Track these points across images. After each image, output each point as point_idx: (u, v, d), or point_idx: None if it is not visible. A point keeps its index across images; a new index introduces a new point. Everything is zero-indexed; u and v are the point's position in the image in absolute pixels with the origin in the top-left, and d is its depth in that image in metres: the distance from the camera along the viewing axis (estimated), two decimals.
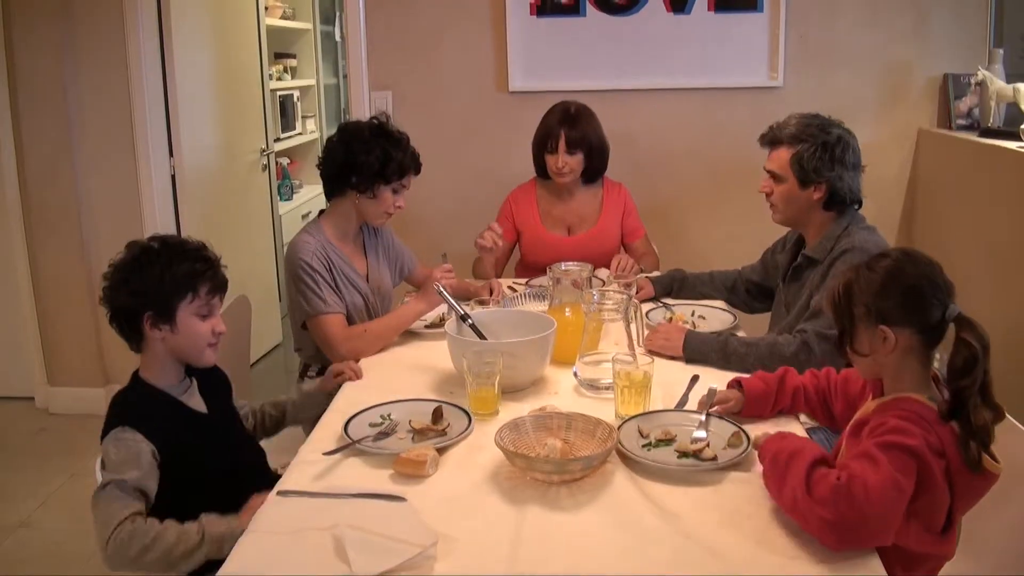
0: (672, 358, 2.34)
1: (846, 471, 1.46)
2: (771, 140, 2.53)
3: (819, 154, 2.41)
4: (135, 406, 1.90)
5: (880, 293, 1.60)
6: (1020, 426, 1.82)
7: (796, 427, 1.91)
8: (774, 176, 2.51)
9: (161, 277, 1.88)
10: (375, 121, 2.76)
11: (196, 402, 2.00)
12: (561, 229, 3.30)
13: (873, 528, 1.44)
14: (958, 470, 1.54)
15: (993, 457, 1.57)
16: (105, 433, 1.86)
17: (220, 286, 1.96)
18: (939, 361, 1.66)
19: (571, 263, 2.52)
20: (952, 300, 1.61)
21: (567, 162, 3.18)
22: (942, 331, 1.61)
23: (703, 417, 1.89)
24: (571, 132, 3.17)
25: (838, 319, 1.67)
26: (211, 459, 1.93)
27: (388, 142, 2.70)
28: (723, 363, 2.29)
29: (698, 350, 2.33)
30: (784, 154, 2.46)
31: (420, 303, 2.62)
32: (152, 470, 1.81)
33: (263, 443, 2.22)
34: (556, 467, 1.66)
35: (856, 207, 2.49)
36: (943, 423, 1.56)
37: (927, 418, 1.55)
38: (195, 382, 2.02)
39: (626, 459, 1.76)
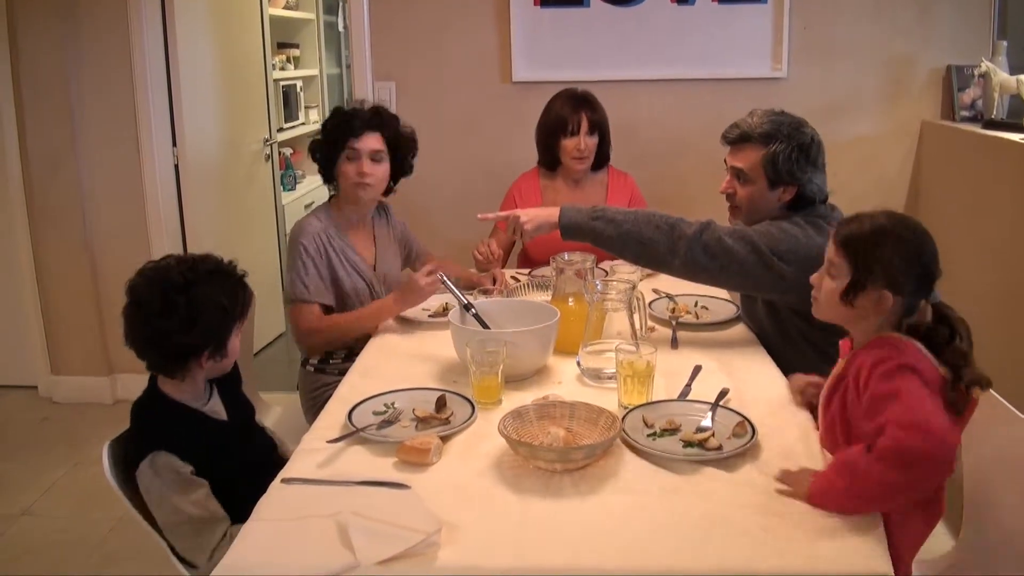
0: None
1: (882, 426, 1.48)
2: (739, 138, 2.38)
3: (795, 156, 2.30)
4: (164, 426, 1.88)
5: (903, 264, 1.64)
6: (1021, 416, 1.82)
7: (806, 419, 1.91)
8: (740, 175, 2.37)
9: (224, 318, 1.89)
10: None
11: (218, 409, 2.00)
12: None
13: (941, 439, 1.43)
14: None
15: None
16: (131, 449, 1.85)
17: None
18: None
19: (574, 253, 2.52)
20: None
21: (588, 144, 3.19)
22: (916, 309, 1.68)
23: (708, 407, 1.89)
24: (592, 114, 3.20)
25: (853, 269, 1.68)
26: (235, 464, 1.93)
27: (340, 112, 2.74)
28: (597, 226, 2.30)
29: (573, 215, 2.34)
30: (753, 154, 2.33)
31: (396, 304, 2.59)
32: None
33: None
34: (559, 455, 1.67)
35: (821, 205, 2.38)
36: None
37: (901, 344, 1.62)
38: (214, 387, 2.02)
39: (631, 448, 1.76)
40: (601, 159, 3.30)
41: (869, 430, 1.52)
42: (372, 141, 2.70)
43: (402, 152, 2.80)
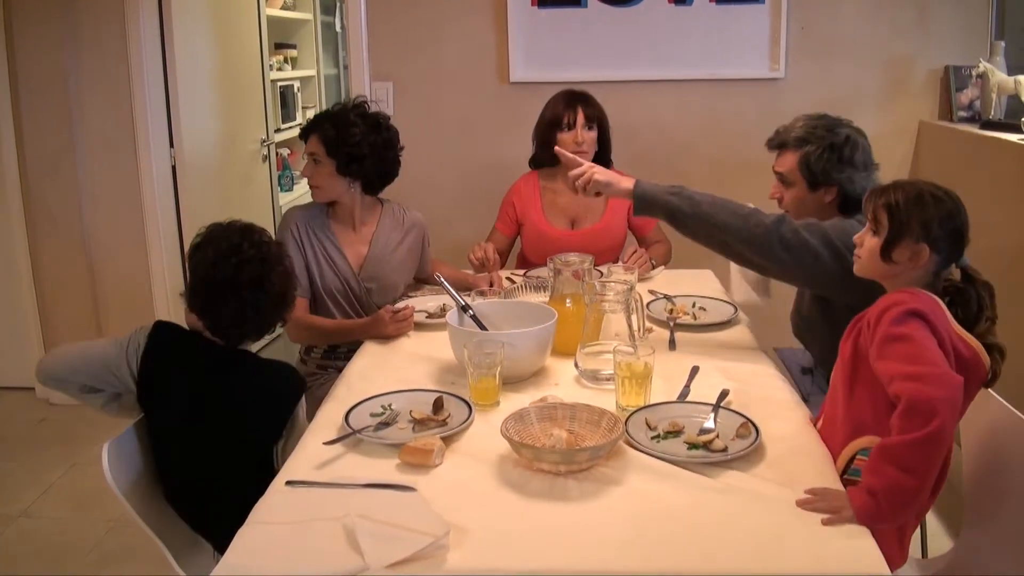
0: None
1: (890, 376, 1.58)
2: (778, 144, 2.46)
3: (827, 156, 2.33)
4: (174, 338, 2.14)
5: (939, 221, 1.74)
6: (1021, 416, 1.82)
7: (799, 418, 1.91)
8: (783, 180, 2.44)
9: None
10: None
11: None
12: (564, 222, 3.28)
13: (943, 379, 1.53)
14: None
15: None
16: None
17: None
18: None
19: (572, 254, 2.52)
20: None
21: (585, 137, 3.17)
22: (948, 270, 1.79)
23: (710, 408, 1.90)
24: (587, 108, 3.19)
25: (892, 224, 1.75)
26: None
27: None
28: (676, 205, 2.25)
29: (649, 189, 2.30)
30: (791, 157, 2.39)
31: (362, 332, 2.57)
32: None
33: None
34: (563, 457, 1.66)
35: None
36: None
37: (921, 294, 1.71)
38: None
39: (635, 451, 1.76)
40: (603, 161, 3.25)
41: (877, 370, 1.62)
42: (311, 143, 2.73)
43: (346, 154, 2.68)
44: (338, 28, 6.80)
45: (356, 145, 2.67)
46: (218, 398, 2.05)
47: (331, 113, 2.74)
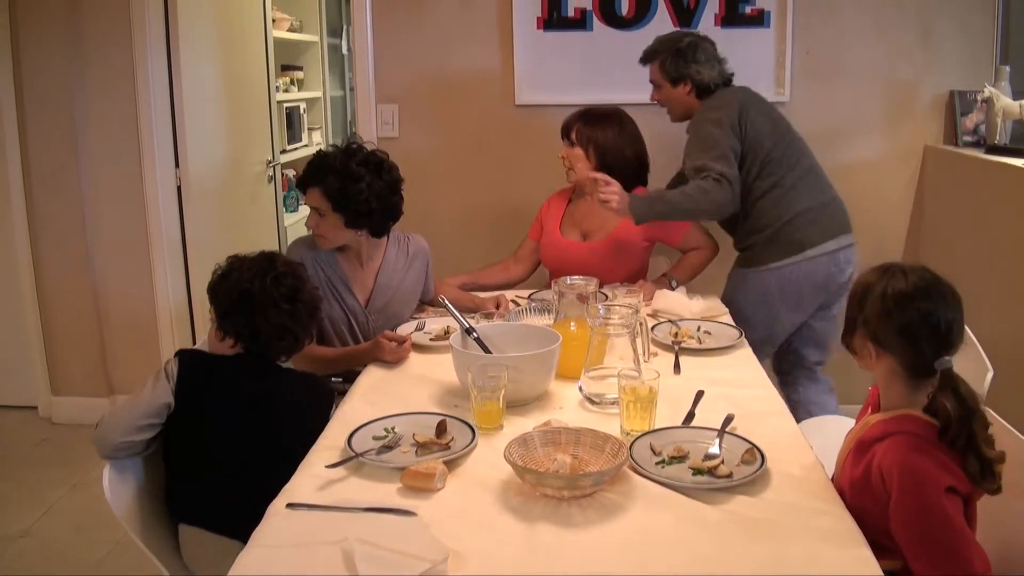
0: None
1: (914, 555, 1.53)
2: (644, 59, 3.24)
3: (675, 59, 3.13)
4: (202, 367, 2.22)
5: (881, 315, 1.65)
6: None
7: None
8: (655, 84, 3.23)
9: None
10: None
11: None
12: (576, 234, 3.26)
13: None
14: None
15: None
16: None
17: None
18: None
19: (576, 277, 2.51)
20: (949, 352, 1.64)
21: (570, 154, 3.16)
22: (928, 374, 1.64)
23: (715, 433, 1.88)
24: (586, 128, 3.16)
25: (848, 311, 1.75)
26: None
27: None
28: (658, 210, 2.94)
29: (640, 207, 2.92)
30: (655, 67, 3.19)
31: (363, 357, 2.58)
32: None
33: None
34: (567, 483, 1.65)
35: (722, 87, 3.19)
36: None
37: (929, 439, 1.60)
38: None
39: (639, 476, 1.75)
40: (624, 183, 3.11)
41: (900, 539, 1.57)
42: (313, 197, 2.64)
43: (354, 210, 2.63)
44: (344, 50, 6.84)
45: (364, 201, 2.61)
46: (256, 411, 2.12)
47: (331, 165, 2.62)
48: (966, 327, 2.32)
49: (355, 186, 2.60)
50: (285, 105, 5.68)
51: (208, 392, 2.12)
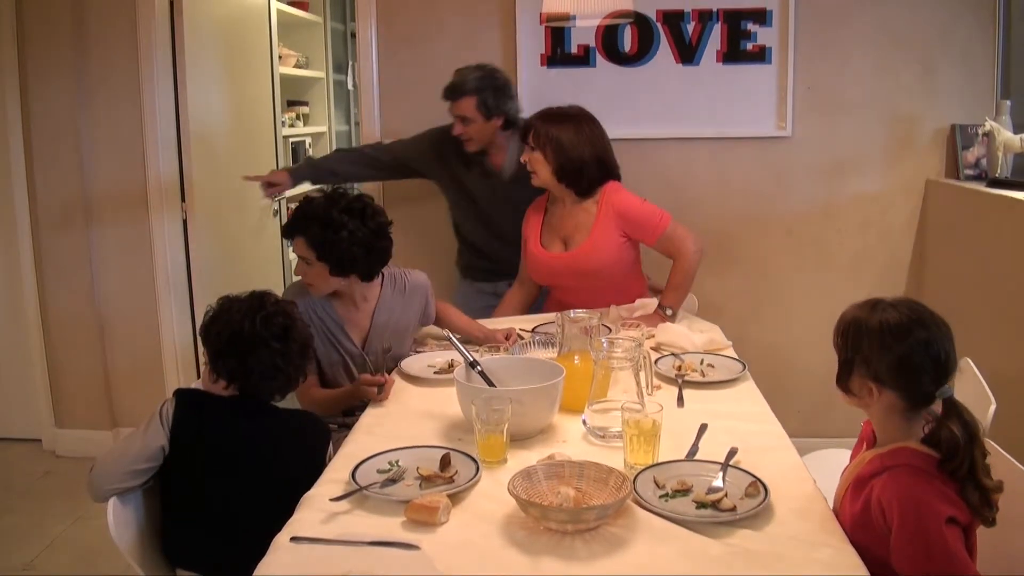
0: None
1: None
2: (454, 95, 3.35)
3: (495, 95, 3.33)
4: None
5: (881, 351, 1.65)
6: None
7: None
8: (464, 119, 3.35)
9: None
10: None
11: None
12: (558, 244, 3.21)
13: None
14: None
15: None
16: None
17: None
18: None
19: (580, 311, 2.52)
20: (948, 380, 1.64)
21: (528, 158, 3.13)
22: (929, 403, 1.65)
23: (719, 467, 1.88)
24: (544, 126, 3.10)
25: (842, 353, 1.73)
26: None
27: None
28: None
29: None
30: (469, 101, 3.32)
31: (354, 398, 2.60)
32: None
33: None
34: (570, 516, 1.65)
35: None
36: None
37: (928, 470, 1.60)
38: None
39: (642, 509, 1.75)
40: (577, 187, 3.13)
41: (902, 571, 1.56)
42: (299, 246, 2.63)
43: (337, 258, 2.60)
44: (349, 86, 6.90)
45: (347, 249, 2.58)
46: (253, 451, 2.11)
47: (315, 213, 2.60)
48: (968, 360, 2.34)
49: (337, 235, 2.56)
50: (291, 139, 5.73)
51: (203, 433, 2.11)
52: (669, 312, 3.07)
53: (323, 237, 2.56)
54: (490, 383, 2.29)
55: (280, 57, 5.42)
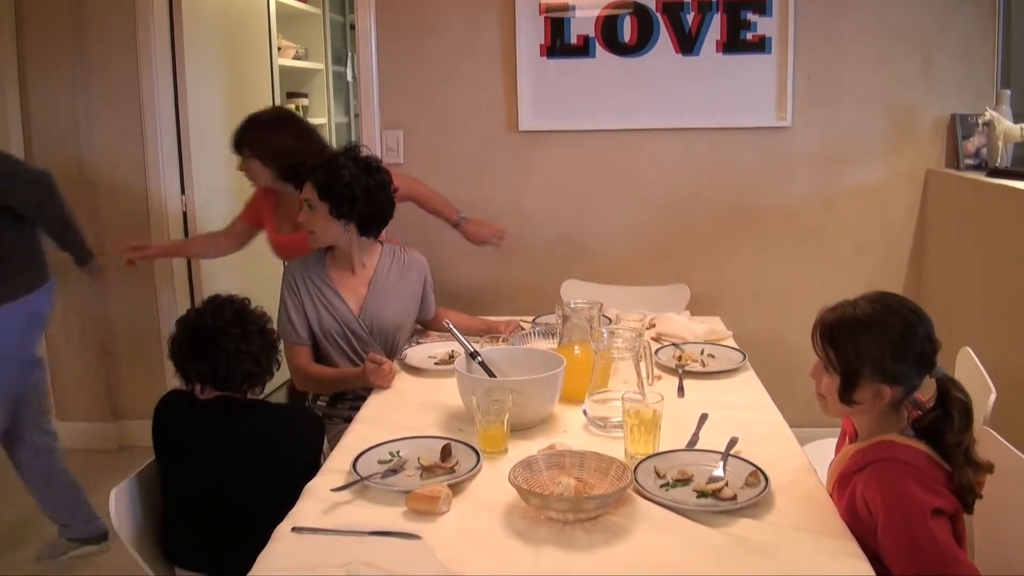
0: None
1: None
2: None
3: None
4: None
5: (895, 355, 1.64)
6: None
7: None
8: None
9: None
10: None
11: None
12: (289, 228, 3.26)
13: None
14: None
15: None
16: None
17: None
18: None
19: (580, 301, 2.52)
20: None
21: (245, 168, 3.26)
22: (916, 388, 1.69)
23: (719, 456, 1.89)
24: (253, 135, 3.23)
25: (844, 365, 1.69)
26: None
27: None
28: None
29: None
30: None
31: (361, 380, 2.59)
32: None
33: None
34: (571, 506, 1.66)
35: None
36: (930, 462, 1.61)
37: (910, 462, 1.60)
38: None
39: (643, 499, 1.75)
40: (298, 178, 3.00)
41: (890, 564, 1.56)
42: (305, 190, 2.74)
43: (337, 195, 2.69)
44: (349, 78, 6.89)
45: (347, 187, 2.68)
46: (240, 451, 2.10)
47: (326, 160, 2.78)
48: (968, 349, 2.35)
49: (339, 172, 2.69)
50: None
51: (187, 434, 2.14)
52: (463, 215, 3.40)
53: (326, 177, 2.69)
54: (491, 374, 2.30)
55: (279, 49, 5.41)
